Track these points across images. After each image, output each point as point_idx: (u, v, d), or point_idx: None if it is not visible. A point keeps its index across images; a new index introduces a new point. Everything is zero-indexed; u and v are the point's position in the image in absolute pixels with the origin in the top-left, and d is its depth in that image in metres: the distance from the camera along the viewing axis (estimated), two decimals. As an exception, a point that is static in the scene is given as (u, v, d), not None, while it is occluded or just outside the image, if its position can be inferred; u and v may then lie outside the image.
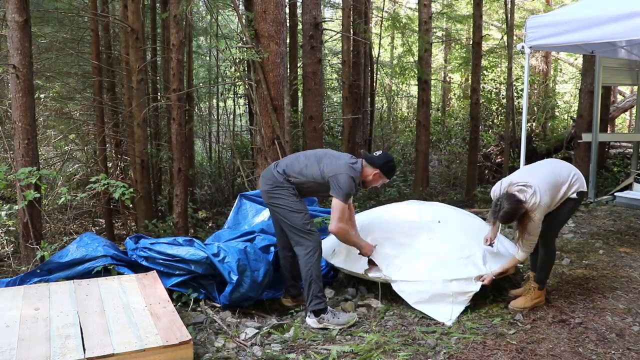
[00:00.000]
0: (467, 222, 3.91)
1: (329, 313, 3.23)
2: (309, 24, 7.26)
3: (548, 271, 3.45)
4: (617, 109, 11.29)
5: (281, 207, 3.30)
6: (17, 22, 4.27)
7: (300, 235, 3.28)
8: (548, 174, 3.24)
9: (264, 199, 3.45)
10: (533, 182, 3.13)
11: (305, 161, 3.35)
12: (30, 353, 2.35)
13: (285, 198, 3.29)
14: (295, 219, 3.28)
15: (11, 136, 5.34)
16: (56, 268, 3.44)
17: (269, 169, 3.47)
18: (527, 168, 3.49)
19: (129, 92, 7.37)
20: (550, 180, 3.20)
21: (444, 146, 12.34)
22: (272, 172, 3.39)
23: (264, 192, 3.40)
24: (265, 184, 3.38)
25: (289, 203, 3.29)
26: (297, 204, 3.31)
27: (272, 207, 3.39)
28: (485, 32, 11.19)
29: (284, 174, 3.33)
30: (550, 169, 3.32)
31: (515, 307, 3.36)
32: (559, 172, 3.29)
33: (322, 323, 3.21)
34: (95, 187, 4.32)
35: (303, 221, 3.28)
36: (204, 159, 12.44)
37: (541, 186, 3.12)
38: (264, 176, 3.46)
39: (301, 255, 3.29)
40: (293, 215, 3.28)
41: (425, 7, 8.39)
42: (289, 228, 3.33)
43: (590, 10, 3.91)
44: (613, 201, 6.72)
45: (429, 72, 8.68)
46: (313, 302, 3.23)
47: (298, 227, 3.28)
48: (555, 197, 3.21)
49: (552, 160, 3.60)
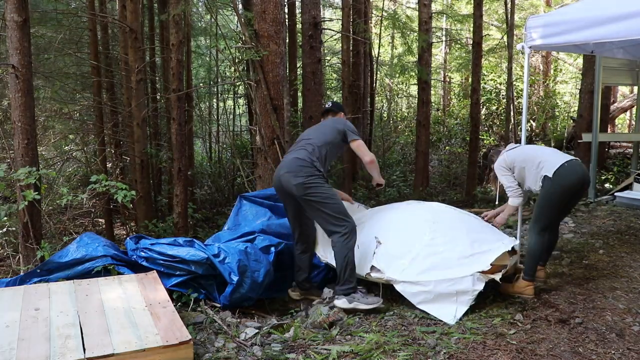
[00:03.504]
0: (468, 221, 3.91)
1: (358, 293, 3.36)
2: (308, 23, 7.26)
3: (531, 262, 3.56)
4: (617, 109, 11.29)
5: (318, 195, 3.37)
6: (16, 22, 4.27)
7: (336, 223, 3.36)
8: (527, 151, 3.72)
9: (297, 192, 3.40)
10: (508, 150, 3.78)
11: (315, 134, 3.65)
12: (30, 353, 2.35)
13: (321, 186, 3.41)
14: (332, 207, 3.37)
15: (11, 136, 5.33)
16: (56, 268, 3.43)
17: (291, 162, 3.48)
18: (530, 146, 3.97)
19: (128, 92, 7.37)
20: (526, 156, 3.66)
21: (444, 146, 12.35)
22: (299, 163, 3.44)
23: (298, 184, 3.38)
24: (297, 177, 3.39)
25: (325, 190, 3.41)
26: (332, 191, 3.47)
27: (308, 198, 3.39)
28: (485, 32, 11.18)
29: (307, 161, 3.44)
30: (536, 150, 3.74)
31: (501, 291, 3.60)
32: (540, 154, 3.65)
33: (352, 303, 3.31)
34: (96, 188, 4.32)
35: (340, 208, 3.39)
36: (204, 159, 12.44)
37: (510, 153, 3.74)
38: (290, 171, 3.44)
39: (339, 241, 3.35)
40: (330, 203, 3.37)
41: (425, 6, 8.40)
42: (324, 217, 3.37)
43: (590, 10, 3.90)
44: (613, 201, 6.72)
45: (429, 72, 8.69)
46: (345, 285, 3.34)
47: (334, 214, 3.36)
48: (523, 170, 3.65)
49: (546, 148, 3.89)
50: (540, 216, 3.56)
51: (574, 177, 3.43)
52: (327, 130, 3.68)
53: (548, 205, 3.51)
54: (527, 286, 3.53)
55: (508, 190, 3.74)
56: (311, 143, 3.57)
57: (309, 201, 3.41)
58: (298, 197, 3.44)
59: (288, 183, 3.43)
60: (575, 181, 3.44)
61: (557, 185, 3.44)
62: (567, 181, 3.43)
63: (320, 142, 3.58)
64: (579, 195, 3.59)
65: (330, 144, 3.61)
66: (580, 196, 3.65)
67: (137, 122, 6.65)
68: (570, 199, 3.55)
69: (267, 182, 5.32)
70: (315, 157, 3.50)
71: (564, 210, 3.74)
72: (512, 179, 3.72)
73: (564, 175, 3.43)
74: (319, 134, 3.65)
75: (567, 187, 3.44)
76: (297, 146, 3.65)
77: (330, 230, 3.40)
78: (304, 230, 3.70)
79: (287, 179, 3.44)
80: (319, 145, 3.56)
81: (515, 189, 3.72)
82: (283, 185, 3.48)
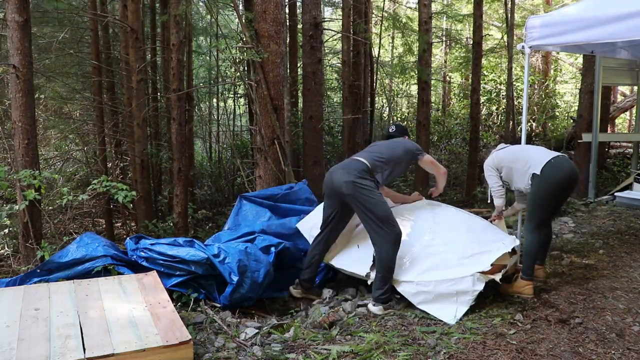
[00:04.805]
0: (468, 221, 3.91)
1: (393, 300, 3.43)
2: (308, 23, 7.26)
3: (528, 260, 3.56)
4: (617, 109, 11.29)
5: (367, 197, 3.38)
6: (17, 22, 4.28)
7: (383, 227, 3.36)
8: (515, 151, 3.79)
9: (345, 189, 3.40)
10: (498, 150, 3.84)
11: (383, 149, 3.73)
12: (30, 353, 2.35)
13: (372, 189, 3.41)
14: (381, 211, 3.37)
15: (11, 136, 5.33)
16: (56, 268, 3.43)
17: (349, 162, 3.56)
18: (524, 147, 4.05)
19: (128, 92, 7.37)
20: (513, 156, 3.71)
21: (444, 146, 12.34)
22: (357, 165, 3.48)
23: (349, 182, 3.39)
24: (350, 175, 3.41)
25: (376, 194, 3.41)
26: (381, 196, 3.49)
27: (356, 198, 3.39)
28: (485, 32, 11.18)
29: (367, 167, 3.49)
30: (523, 150, 3.82)
31: (500, 291, 3.58)
32: (527, 153, 3.71)
33: (388, 310, 3.37)
34: (96, 188, 4.32)
35: (388, 213, 3.40)
36: (204, 159, 12.44)
37: (498, 154, 3.79)
38: (345, 168, 3.49)
39: (383, 245, 3.36)
40: (379, 207, 3.38)
41: (425, 6, 8.39)
42: (372, 219, 3.37)
43: (590, 10, 3.90)
44: (613, 201, 6.72)
45: (429, 72, 8.68)
46: (381, 292, 3.37)
47: (383, 218, 3.36)
48: (510, 171, 3.69)
49: (533, 147, 3.99)
50: (533, 214, 3.58)
51: (561, 172, 3.46)
52: (398, 147, 3.75)
53: (539, 202, 3.53)
54: (526, 285, 3.53)
55: (492, 191, 3.83)
56: (380, 157, 3.62)
57: (357, 202, 3.40)
58: (346, 195, 3.42)
59: (339, 180, 3.44)
60: (563, 176, 3.46)
61: (545, 182, 3.46)
62: (555, 177, 3.45)
63: (388, 157, 3.65)
64: (568, 190, 3.61)
65: (398, 161, 3.70)
66: (570, 191, 3.67)
67: (137, 122, 6.65)
68: (560, 195, 3.56)
69: (267, 182, 5.31)
70: (378, 167, 3.56)
71: (556, 207, 3.76)
72: (496, 179, 3.79)
73: (551, 171, 3.46)
74: (389, 150, 3.70)
75: (555, 183, 3.46)
76: (364, 152, 3.73)
77: (376, 232, 3.39)
78: (332, 232, 3.71)
79: (339, 175, 3.46)
80: (386, 161, 3.63)
81: (498, 189, 3.80)
82: (333, 181, 3.48)
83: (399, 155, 3.71)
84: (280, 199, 4.47)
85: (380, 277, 3.39)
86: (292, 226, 4.12)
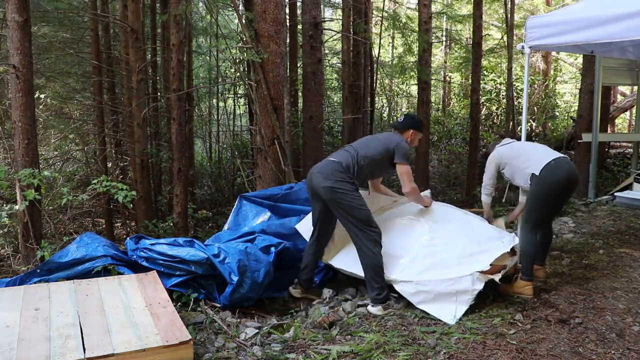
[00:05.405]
0: (468, 221, 3.91)
1: (392, 299, 3.41)
2: (308, 23, 7.26)
3: (527, 261, 3.56)
4: (617, 109, 11.28)
5: (346, 202, 3.36)
6: (17, 22, 4.28)
7: (364, 230, 3.37)
8: (517, 148, 3.78)
9: (324, 195, 3.40)
10: (502, 145, 3.83)
11: (362, 145, 3.61)
12: (30, 353, 2.35)
13: (350, 193, 3.38)
14: (361, 214, 3.37)
15: (11, 136, 5.34)
16: (56, 268, 3.43)
17: (325, 165, 3.50)
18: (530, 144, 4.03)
19: (128, 92, 7.37)
20: (515, 153, 3.71)
21: (444, 146, 12.34)
22: (332, 167, 3.44)
23: (326, 187, 3.37)
24: (327, 180, 3.39)
25: (354, 198, 3.39)
26: (360, 199, 3.43)
27: (335, 203, 3.39)
28: (485, 32, 11.18)
29: (341, 167, 3.44)
30: (526, 148, 3.81)
31: (500, 291, 3.58)
32: (529, 151, 3.70)
33: (387, 310, 3.36)
34: (96, 188, 4.32)
35: (368, 215, 3.39)
36: (204, 159, 12.44)
37: (501, 149, 3.79)
38: (321, 172, 3.45)
39: (366, 247, 3.37)
40: (358, 210, 3.37)
41: (425, 7, 8.39)
42: (352, 222, 3.38)
43: (590, 10, 3.91)
44: (613, 201, 6.72)
45: (429, 72, 8.68)
46: (376, 293, 3.37)
47: (363, 221, 3.36)
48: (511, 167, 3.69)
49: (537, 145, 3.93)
50: (530, 215, 3.57)
51: (560, 174, 3.44)
52: (375, 145, 3.59)
53: (537, 203, 3.52)
54: (526, 286, 3.53)
55: (482, 187, 3.93)
56: (353, 152, 3.54)
57: (337, 206, 3.41)
58: (325, 200, 3.44)
59: (317, 184, 3.44)
60: (562, 178, 3.44)
61: (544, 183, 3.45)
62: (554, 179, 3.43)
63: (363, 154, 3.52)
64: (567, 192, 3.58)
65: (372, 160, 3.54)
66: (569, 193, 3.64)
67: (137, 122, 6.65)
68: (559, 196, 3.54)
69: (267, 182, 5.32)
70: (352, 165, 3.46)
71: (555, 208, 3.73)
72: (490, 177, 3.86)
73: (550, 173, 3.44)
74: (365, 147, 3.58)
75: (554, 185, 3.44)
76: (341, 149, 3.69)
77: (357, 235, 3.40)
78: (322, 232, 3.69)
79: (317, 180, 3.44)
80: (361, 156, 3.51)
81: (487, 187, 3.90)
82: (313, 184, 3.49)
83: (375, 153, 3.54)
84: (280, 199, 4.47)
85: (370, 278, 3.39)
86: (292, 226, 4.11)
